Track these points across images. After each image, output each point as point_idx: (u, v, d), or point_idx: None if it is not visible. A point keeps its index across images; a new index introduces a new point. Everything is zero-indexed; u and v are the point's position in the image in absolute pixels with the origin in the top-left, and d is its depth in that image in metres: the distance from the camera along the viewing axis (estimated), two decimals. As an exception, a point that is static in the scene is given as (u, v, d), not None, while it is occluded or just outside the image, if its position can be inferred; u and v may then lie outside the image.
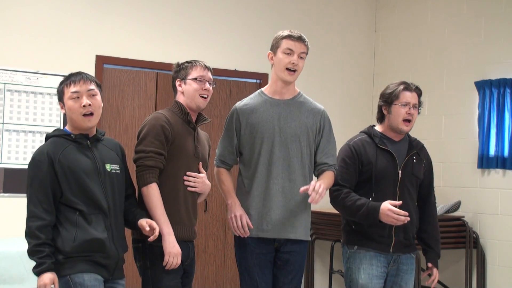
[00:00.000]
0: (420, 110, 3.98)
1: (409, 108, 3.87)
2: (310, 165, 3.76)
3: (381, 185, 3.83)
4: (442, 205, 6.03)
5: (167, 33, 6.12)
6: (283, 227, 3.69)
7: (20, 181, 5.17)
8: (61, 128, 3.49)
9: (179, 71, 3.65)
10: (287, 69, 3.70)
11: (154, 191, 3.44)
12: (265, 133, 3.71)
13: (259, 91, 3.85)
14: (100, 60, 5.78)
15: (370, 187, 3.85)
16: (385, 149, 3.89)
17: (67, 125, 3.33)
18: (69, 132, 3.29)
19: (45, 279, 3.07)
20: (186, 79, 3.62)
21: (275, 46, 3.75)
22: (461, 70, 6.40)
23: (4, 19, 5.45)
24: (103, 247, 3.19)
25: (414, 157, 3.93)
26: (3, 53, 5.42)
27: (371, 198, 3.82)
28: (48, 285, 3.07)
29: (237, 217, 3.65)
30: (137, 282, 4.43)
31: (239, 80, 6.39)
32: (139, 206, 3.54)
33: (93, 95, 3.27)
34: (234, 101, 3.99)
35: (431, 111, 6.57)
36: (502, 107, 5.99)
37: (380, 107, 3.97)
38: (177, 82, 3.65)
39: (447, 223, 6.02)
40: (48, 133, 3.34)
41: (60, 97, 3.31)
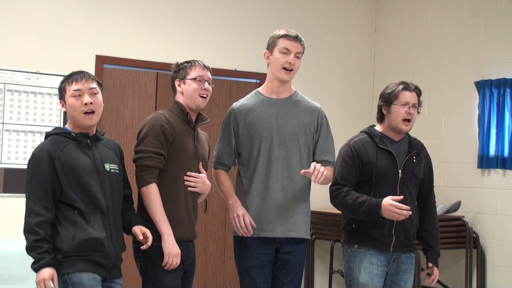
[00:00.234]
0: (419, 109, 3.98)
1: (409, 107, 3.88)
2: (308, 163, 3.75)
3: (381, 185, 3.84)
4: (442, 205, 6.03)
5: (167, 33, 6.12)
6: (285, 226, 3.69)
7: (20, 181, 5.17)
8: (61, 126, 3.48)
9: (178, 71, 3.65)
10: (284, 68, 3.70)
11: (153, 191, 3.44)
12: (263, 133, 3.71)
13: (255, 91, 3.85)
14: (100, 60, 5.78)
15: (370, 186, 3.86)
16: (385, 149, 3.90)
17: (67, 124, 3.34)
18: (69, 130, 3.29)
19: (44, 274, 3.06)
20: (185, 79, 3.62)
21: (271, 45, 3.75)
22: (461, 70, 6.40)
23: (4, 19, 5.45)
24: (102, 247, 3.20)
25: (414, 157, 3.94)
26: (3, 53, 5.43)
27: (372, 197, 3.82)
28: (47, 280, 3.06)
29: (240, 216, 3.65)
30: (137, 282, 4.42)
31: (239, 80, 6.39)
32: (139, 206, 3.55)
33: (94, 93, 3.28)
34: (234, 101, 3.99)
35: (431, 111, 6.57)
36: (502, 107, 5.99)
37: (379, 107, 3.98)
38: (176, 82, 3.65)
39: (447, 223, 6.02)
40: (48, 131, 3.34)
41: (61, 95, 3.31)
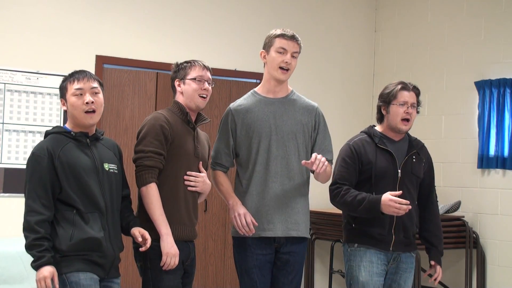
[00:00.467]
0: (419, 109, 3.99)
1: (407, 107, 3.89)
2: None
3: (381, 185, 3.84)
4: (442, 205, 6.02)
5: (167, 33, 6.12)
6: (285, 225, 3.69)
7: (20, 181, 5.13)
8: (61, 125, 3.49)
9: (178, 71, 3.65)
10: (280, 68, 3.71)
11: (153, 191, 3.44)
12: (261, 132, 3.71)
13: (252, 91, 3.85)
14: (100, 60, 5.78)
15: (369, 186, 3.86)
16: (385, 148, 3.90)
17: (67, 123, 3.34)
18: (69, 129, 3.30)
19: (44, 272, 3.06)
20: (185, 79, 3.62)
21: (267, 44, 3.75)
22: (461, 70, 6.40)
23: (4, 19, 5.45)
24: (100, 246, 3.20)
25: (414, 157, 3.95)
26: (3, 53, 5.43)
27: None
28: (48, 278, 3.06)
29: (241, 215, 3.64)
30: (137, 282, 4.42)
31: (239, 80, 6.40)
32: (139, 206, 3.55)
33: (95, 93, 3.29)
34: (234, 101, 3.99)
35: (431, 111, 6.57)
36: (502, 107, 5.99)
37: (379, 107, 3.99)
38: (176, 82, 3.65)
39: (447, 223, 6.02)
40: (48, 130, 3.34)
41: (62, 93, 3.31)
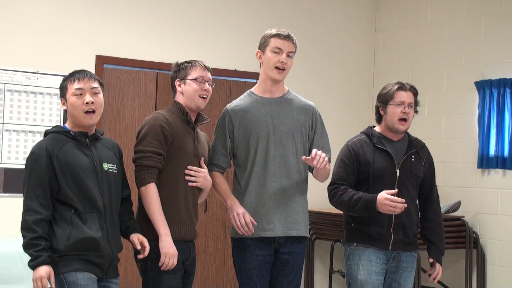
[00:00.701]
0: (417, 109, 4.01)
1: (404, 107, 3.90)
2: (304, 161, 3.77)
3: (379, 184, 3.85)
4: (442, 205, 6.00)
5: (167, 33, 6.12)
6: (285, 225, 3.69)
7: (20, 181, 5.14)
8: (61, 125, 3.49)
9: (178, 71, 3.65)
10: (276, 67, 3.70)
11: (152, 191, 3.44)
12: (259, 132, 3.70)
13: (249, 91, 3.84)
14: (100, 60, 5.78)
15: (368, 186, 3.88)
16: (383, 148, 3.92)
17: (67, 122, 3.34)
18: (68, 129, 3.30)
19: (41, 271, 3.06)
20: (185, 79, 3.62)
21: (263, 44, 3.75)
22: (461, 70, 6.40)
23: (4, 19, 5.45)
24: (97, 246, 3.19)
25: (413, 156, 3.96)
26: (3, 53, 5.42)
27: None
28: (44, 278, 3.06)
29: (240, 215, 3.64)
30: (137, 282, 4.43)
31: (239, 80, 6.39)
32: (139, 206, 3.55)
33: (96, 93, 3.29)
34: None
35: (431, 111, 6.57)
36: (502, 107, 5.99)
37: (377, 107, 4.02)
38: (177, 82, 3.65)
39: (447, 223, 6.01)
40: (47, 129, 3.34)
41: (62, 93, 3.31)
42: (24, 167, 3.26)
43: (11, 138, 5.43)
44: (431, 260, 3.98)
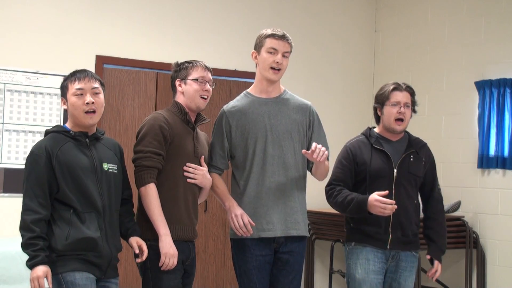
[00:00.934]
0: (414, 108, 4.04)
1: (400, 107, 3.93)
2: (303, 160, 3.77)
3: (377, 184, 3.89)
4: (442, 205, 6.03)
5: (167, 33, 6.12)
6: (285, 225, 3.69)
7: (20, 181, 5.14)
8: (61, 124, 3.49)
9: (179, 71, 3.65)
10: (272, 68, 3.69)
11: (151, 191, 3.44)
12: (257, 133, 3.70)
13: (245, 92, 3.84)
14: (100, 60, 5.78)
15: (366, 186, 3.92)
16: (380, 149, 3.95)
17: (67, 122, 3.35)
18: (68, 128, 3.30)
19: (38, 271, 3.07)
20: (186, 79, 3.62)
21: (258, 45, 3.74)
22: (461, 70, 6.40)
23: (4, 19, 5.45)
24: (96, 246, 3.20)
25: (411, 156, 3.98)
26: (3, 53, 5.42)
27: None
28: (41, 277, 3.07)
29: (238, 216, 3.64)
30: (137, 282, 4.42)
31: (239, 80, 6.39)
32: (139, 206, 3.55)
33: (96, 93, 3.29)
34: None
35: (431, 111, 6.57)
36: (502, 107, 5.99)
37: (375, 108, 4.05)
38: (177, 82, 3.65)
39: (447, 223, 5.99)
40: (47, 128, 3.35)
41: (63, 92, 3.31)
42: (23, 167, 3.26)
43: (11, 138, 5.43)
44: (428, 257, 3.99)
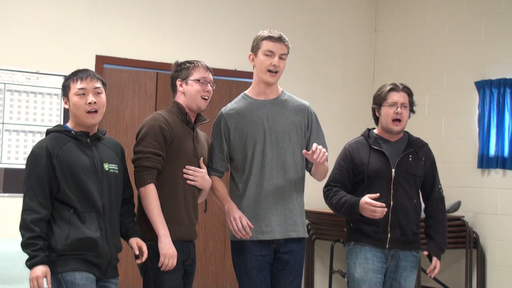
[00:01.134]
0: (412, 109, 4.06)
1: (397, 107, 3.95)
2: (302, 161, 3.77)
3: (375, 184, 3.92)
4: (442, 205, 6.03)
5: (167, 33, 6.12)
6: (284, 227, 3.69)
7: (20, 181, 5.14)
8: (62, 124, 3.49)
9: (180, 71, 3.64)
10: (269, 70, 3.68)
11: (151, 192, 3.44)
12: (256, 135, 3.70)
13: (243, 94, 3.83)
14: (100, 60, 5.78)
15: (364, 187, 3.95)
16: (378, 149, 3.97)
17: (69, 122, 3.34)
18: (69, 128, 3.30)
19: (37, 271, 3.07)
20: (187, 79, 3.61)
21: (255, 47, 3.71)
22: (461, 70, 6.40)
23: (4, 19, 5.45)
24: (95, 246, 3.19)
25: (410, 156, 4.00)
26: (3, 53, 5.42)
27: None
28: (40, 277, 3.07)
29: (237, 219, 3.64)
30: (137, 282, 4.42)
31: (239, 80, 6.39)
32: (139, 207, 3.55)
33: (98, 93, 3.29)
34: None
35: (431, 111, 6.57)
36: (502, 107, 5.99)
37: (373, 109, 4.08)
38: (178, 82, 3.64)
39: (447, 223, 6.02)
40: (49, 128, 3.35)
41: (65, 92, 3.31)
42: (23, 167, 3.26)
43: (11, 138, 5.43)
44: (426, 253, 4.00)
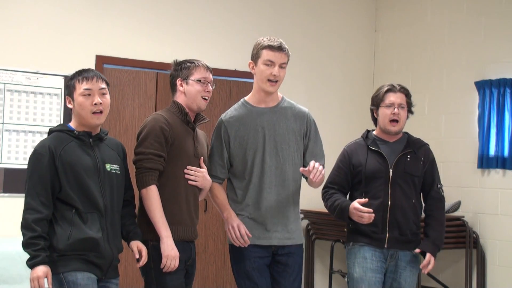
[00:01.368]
0: (410, 109, 4.07)
1: (394, 108, 3.97)
2: (299, 169, 3.78)
3: (373, 185, 3.95)
4: (442, 205, 6.02)
5: (167, 33, 6.12)
6: (282, 234, 3.72)
7: (20, 181, 5.16)
8: (64, 124, 3.48)
9: (180, 70, 3.63)
10: (269, 80, 3.67)
11: (153, 193, 3.44)
12: (256, 143, 3.70)
13: (243, 100, 3.82)
14: (100, 60, 5.78)
15: (362, 187, 3.98)
16: (376, 150, 4.00)
17: (71, 121, 3.33)
18: (72, 128, 3.29)
19: (38, 272, 3.07)
20: (188, 79, 3.60)
21: (255, 56, 3.69)
22: (461, 70, 6.40)
23: (4, 19, 5.45)
24: (97, 247, 3.20)
25: (408, 156, 4.01)
26: (3, 53, 5.43)
27: (364, 197, 3.93)
28: (41, 278, 3.07)
29: (235, 227, 3.65)
30: (137, 282, 4.42)
31: (239, 80, 6.39)
32: (140, 208, 3.54)
33: (103, 94, 3.30)
34: (234, 101, 3.97)
35: (431, 111, 6.57)
36: (502, 107, 5.99)
37: (371, 111, 4.11)
38: (178, 81, 3.62)
39: (447, 223, 5.97)
40: (51, 127, 3.34)
41: (69, 91, 3.30)
42: (24, 166, 3.26)
43: (11, 138, 5.43)
44: (418, 250, 3.97)
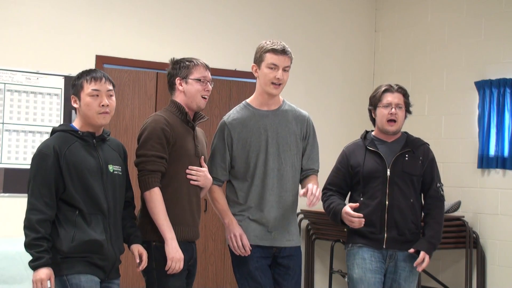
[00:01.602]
0: (408, 109, 4.07)
1: (391, 108, 3.98)
2: (298, 171, 3.82)
3: (371, 185, 3.96)
4: (442, 205, 6.02)
5: (167, 33, 6.12)
6: (282, 235, 3.73)
7: (20, 181, 5.17)
8: (67, 123, 3.47)
9: (179, 69, 3.60)
10: (273, 83, 3.67)
11: (156, 196, 3.43)
12: (258, 146, 3.71)
13: (245, 103, 3.82)
14: (100, 60, 5.78)
15: (360, 188, 3.99)
16: (374, 150, 4.01)
17: (75, 121, 3.32)
18: (76, 128, 3.28)
19: (41, 274, 3.05)
20: (187, 78, 3.59)
21: (258, 59, 3.69)
22: (461, 70, 6.40)
23: (4, 19, 5.45)
24: (101, 249, 3.19)
25: (406, 155, 4.01)
26: (3, 53, 5.42)
27: (362, 197, 3.96)
28: (44, 280, 3.06)
29: (237, 236, 3.65)
30: (137, 282, 4.42)
31: (239, 80, 6.39)
32: (142, 209, 3.54)
33: (110, 95, 3.29)
34: (234, 101, 3.98)
35: (431, 111, 6.57)
36: (502, 107, 5.99)
37: (369, 111, 4.12)
38: (177, 80, 3.60)
39: (447, 223, 5.99)
40: (54, 127, 3.32)
41: (76, 91, 3.27)
42: (24, 166, 3.26)
43: (11, 138, 5.42)
44: (412, 250, 3.94)
